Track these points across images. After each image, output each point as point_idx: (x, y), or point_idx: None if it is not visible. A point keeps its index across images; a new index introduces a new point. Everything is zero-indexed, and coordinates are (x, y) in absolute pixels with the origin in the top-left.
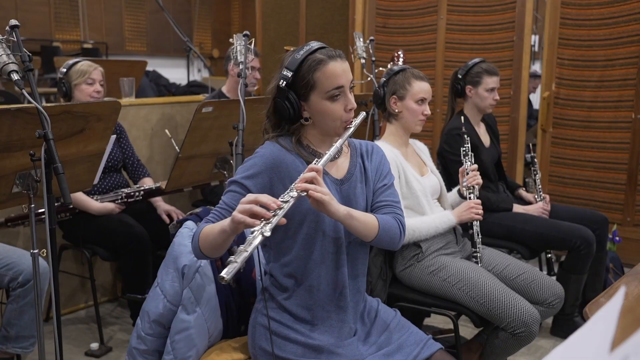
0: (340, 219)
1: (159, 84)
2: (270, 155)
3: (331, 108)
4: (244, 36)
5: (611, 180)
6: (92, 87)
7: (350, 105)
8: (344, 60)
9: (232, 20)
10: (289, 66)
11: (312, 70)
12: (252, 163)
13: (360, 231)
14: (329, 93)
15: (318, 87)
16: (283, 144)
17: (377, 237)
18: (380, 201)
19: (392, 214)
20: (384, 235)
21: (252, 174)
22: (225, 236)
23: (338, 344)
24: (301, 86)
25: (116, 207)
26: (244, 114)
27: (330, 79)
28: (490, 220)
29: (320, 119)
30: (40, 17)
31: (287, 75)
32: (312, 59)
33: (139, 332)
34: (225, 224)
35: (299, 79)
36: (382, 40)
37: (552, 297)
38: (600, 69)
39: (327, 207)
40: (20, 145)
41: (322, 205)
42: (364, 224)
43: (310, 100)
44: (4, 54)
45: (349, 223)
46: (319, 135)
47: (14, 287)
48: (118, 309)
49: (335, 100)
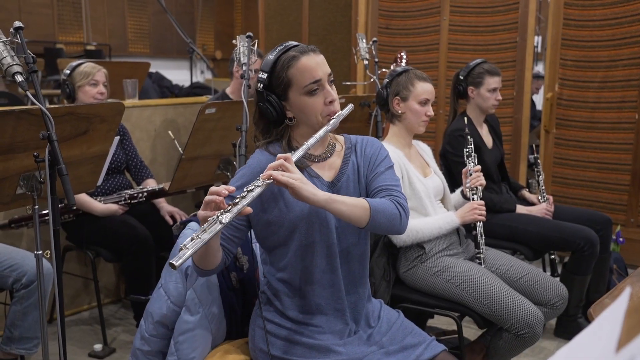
0: (321, 204)
1: (162, 86)
2: (258, 165)
3: (311, 103)
4: (247, 37)
5: (614, 181)
6: (95, 88)
7: (330, 97)
8: (317, 53)
9: (234, 22)
10: (263, 68)
11: (286, 68)
12: (241, 174)
13: (347, 215)
14: (306, 88)
15: (294, 84)
16: (272, 150)
17: (371, 220)
18: (375, 188)
19: (390, 197)
20: (378, 216)
21: (240, 184)
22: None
23: (339, 342)
24: (278, 85)
25: (119, 208)
26: (247, 115)
27: (305, 74)
28: (493, 221)
29: (302, 116)
30: (43, 19)
31: (263, 77)
32: (285, 57)
33: (142, 333)
34: None
35: (275, 79)
36: (384, 42)
37: (555, 298)
38: (604, 69)
39: (300, 191)
40: (24, 146)
41: (294, 190)
42: (350, 207)
43: (289, 98)
44: (8, 56)
45: (332, 207)
46: (306, 134)
47: (18, 288)
48: (121, 310)
49: (314, 94)
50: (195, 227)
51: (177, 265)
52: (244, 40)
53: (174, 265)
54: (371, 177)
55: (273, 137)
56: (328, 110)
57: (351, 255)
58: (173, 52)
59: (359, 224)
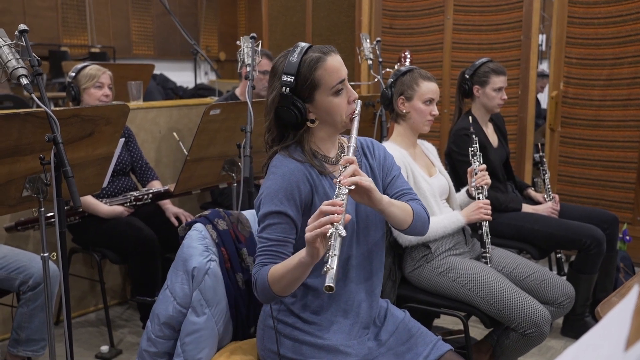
0: (383, 207)
1: (166, 87)
2: (290, 172)
3: (337, 103)
4: (251, 38)
5: (621, 179)
6: (100, 90)
7: (353, 96)
8: (337, 53)
9: (238, 23)
10: (287, 71)
11: (313, 70)
12: (277, 187)
13: (400, 218)
14: (334, 88)
15: (322, 85)
16: (296, 157)
17: (412, 223)
18: (397, 191)
19: (414, 201)
20: (417, 220)
21: (282, 198)
22: (303, 268)
23: (348, 343)
24: (304, 88)
25: (125, 210)
26: (251, 116)
27: (333, 74)
28: (499, 220)
29: (327, 116)
30: (48, 22)
31: (289, 80)
32: (309, 59)
33: (149, 334)
34: (302, 255)
35: (301, 81)
36: (388, 41)
37: (562, 297)
38: (609, 67)
39: (374, 194)
40: (30, 149)
41: (368, 193)
42: (402, 210)
43: (315, 100)
44: (13, 59)
45: (390, 210)
46: (325, 136)
47: (25, 290)
48: (128, 312)
49: (340, 94)
50: (201, 228)
51: (333, 286)
52: (247, 42)
53: (332, 287)
54: (389, 180)
55: (290, 141)
56: (351, 109)
57: (365, 255)
58: (177, 53)
59: (402, 226)
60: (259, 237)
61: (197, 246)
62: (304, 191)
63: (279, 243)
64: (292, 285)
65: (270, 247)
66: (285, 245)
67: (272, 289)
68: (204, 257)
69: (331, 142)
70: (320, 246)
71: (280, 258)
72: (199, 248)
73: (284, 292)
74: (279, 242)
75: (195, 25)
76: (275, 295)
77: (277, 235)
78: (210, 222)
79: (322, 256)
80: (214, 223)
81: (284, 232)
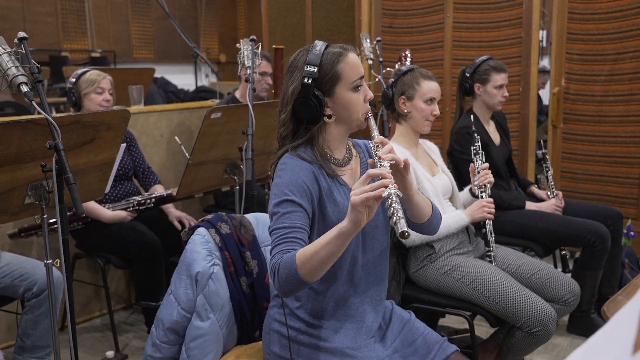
0: (413, 192)
1: (167, 91)
2: (299, 167)
3: (355, 99)
4: (251, 41)
5: (624, 175)
6: (101, 96)
7: (369, 95)
8: (355, 52)
9: (238, 25)
10: (310, 62)
11: (335, 63)
12: (287, 180)
13: (422, 209)
14: (354, 83)
15: (343, 79)
16: (304, 156)
17: (430, 218)
18: None
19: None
20: (434, 217)
21: (293, 189)
22: (344, 238)
23: (354, 346)
24: (326, 81)
25: (128, 214)
26: (252, 118)
27: (354, 69)
28: (503, 218)
29: (344, 112)
30: (48, 28)
31: (313, 70)
32: (332, 52)
33: (153, 340)
34: (342, 225)
35: (323, 73)
36: (389, 41)
37: (568, 295)
38: (610, 62)
39: (408, 176)
40: (32, 156)
41: (404, 172)
42: (425, 202)
43: (335, 93)
44: (13, 66)
45: (416, 198)
46: (338, 135)
47: (29, 297)
48: (133, 317)
49: (358, 90)
50: (204, 232)
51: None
52: (247, 44)
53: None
54: None
55: (301, 138)
56: (365, 107)
57: (372, 263)
58: (177, 56)
59: (422, 219)
60: (274, 228)
61: (200, 251)
62: (313, 189)
63: (298, 230)
64: (325, 263)
65: (289, 234)
66: (304, 232)
67: (299, 271)
68: (208, 262)
69: (341, 142)
70: (365, 211)
71: (302, 245)
72: (202, 252)
73: (312, 275)
74: (298, 229)
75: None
76: (301, 281)
77: (294, 223)
78: (213, 226)
79: (363, 224)
80: (216, 227)
81: (301, 220)
